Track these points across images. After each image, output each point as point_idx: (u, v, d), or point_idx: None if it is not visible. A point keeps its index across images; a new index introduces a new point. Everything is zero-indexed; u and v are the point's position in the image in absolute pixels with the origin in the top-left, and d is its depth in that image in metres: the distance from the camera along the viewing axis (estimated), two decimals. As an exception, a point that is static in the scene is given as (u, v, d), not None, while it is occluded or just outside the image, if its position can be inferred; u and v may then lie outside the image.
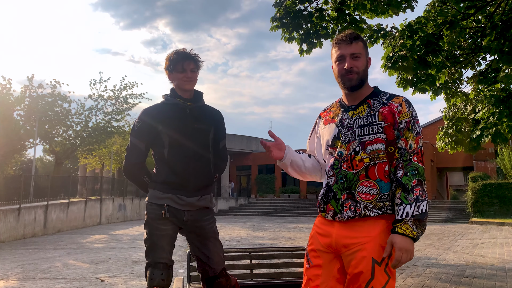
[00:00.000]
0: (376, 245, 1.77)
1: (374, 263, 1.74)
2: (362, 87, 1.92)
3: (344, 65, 1.89)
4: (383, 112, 1.85)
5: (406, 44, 6.13)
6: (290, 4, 6.91)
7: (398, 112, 1.84)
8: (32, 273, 7.20)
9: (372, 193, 1.80)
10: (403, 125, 1.83)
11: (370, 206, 1.80)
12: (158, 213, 2.38)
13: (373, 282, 1.73)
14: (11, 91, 21.63)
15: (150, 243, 2.39)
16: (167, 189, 2.39)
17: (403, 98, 1.89)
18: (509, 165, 24.41)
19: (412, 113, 1.86)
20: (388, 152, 1.83)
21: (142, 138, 2.44)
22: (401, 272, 6.77)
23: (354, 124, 1.88)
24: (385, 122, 1.83)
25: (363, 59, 1.91)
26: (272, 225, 18.85)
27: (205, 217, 2.46)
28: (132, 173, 2.49)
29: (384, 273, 1.76)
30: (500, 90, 8.01)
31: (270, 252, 3.83)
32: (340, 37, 1.94)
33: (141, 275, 6.85)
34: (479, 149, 8.73)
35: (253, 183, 35.70)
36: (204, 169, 2.45)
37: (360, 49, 1.91)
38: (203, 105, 2.55)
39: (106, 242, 12.38)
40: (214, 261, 2.44)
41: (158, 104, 2.53)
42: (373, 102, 1.89)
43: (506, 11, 6.44)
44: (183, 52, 2.45)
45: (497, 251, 9.57)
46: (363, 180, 1.81)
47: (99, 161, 31.41)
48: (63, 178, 20.90)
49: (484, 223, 19.00)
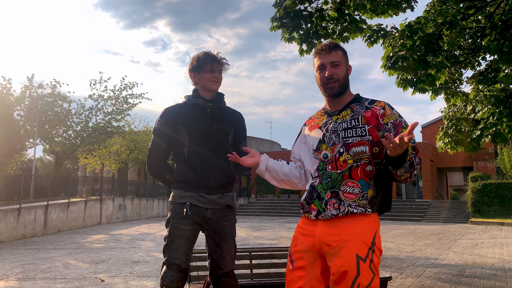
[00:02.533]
0: (358, 241, 1.81)
1: (358, 260, 1.78)
2: (343, 94, 2.03)
3: (325, 73, 1.99)
4: (366, 116, 1.93)
5: (406, 44, 6.13)
6: (290, 4, 6.91)
7: (381, 115, 1.93)
8: (32, 273, 7.20)
9: (355, 192, 1.87)
10: (390, 126, 1.90)
11: (353, 204, 1.86)
12: (179, 211, 2.41)
13: (359, 279, 1.76)
14: (11, 91, 21.63)
15: (168, 241, 2.42)
16: (189, 187, 2.43)
17: (385, 102, 1.99)
18: (509, 165, 24.42)
19: (399, 114, 1.96)
20: (373, 153, 1.91)
21: (163, 136, 2.49)
22: (401, 272, 6.78)
23: (338, 127, 1.97)
24: (369, 125, 1.91)
25: (342, 67, 2.02)
26: (272, 225, 18.85)
27: (227, 217, 2.51)
28: (155, 171, 2.55)
29: (369, 269, 1.79)
30: (500, 90, 8.01)
31: (270, 252, 3.84)
32: (320, 47, 2.06)
33: (141, 275, 6.86)
34: (479, 149, 8.73)
35: (253, 183, 35.70)
36: (224, 167, 2.49)
37: (340, 57, 2.02)
38: (224, 106, 2.59)
39: (106, 242, 12.38)
40: (225, 261, 2.49)
41: (179, 104, 2.58)
42: (356, 106, 1.99)
43: (506, 11, 6.44)
44: (212, 54, 2.51)
45: (497, 251, 9.58)
46: (346, 180, 1.89)
47: (99, 161, 31.43)
48: (63, 178, 20.90)
49: (484, 223, 19.00)
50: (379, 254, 1.86)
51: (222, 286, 2.49)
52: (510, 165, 24.38)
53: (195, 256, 3.52)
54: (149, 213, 26.85)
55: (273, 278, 3.65)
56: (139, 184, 29.14)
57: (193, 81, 2.56)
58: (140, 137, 32.18)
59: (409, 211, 25.02)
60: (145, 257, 8.90)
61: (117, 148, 31.08)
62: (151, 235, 14.41)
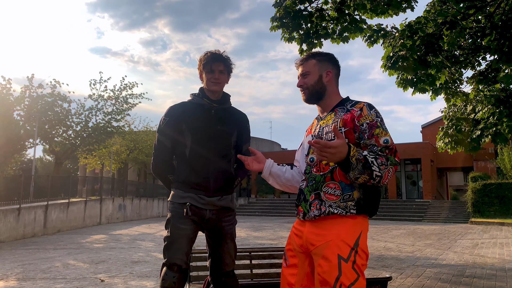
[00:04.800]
0: (340, 242, 1.84)
1: (340, 260, 1.81)
2: (322, 99, 2.11)
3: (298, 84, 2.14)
4: (344, 118, 1.97)
5: (406, 44, 6.13)
6: (290, 4, 6.91)
7: (357, 116, 1.95)
8: (32, 273, 7.20)
9: (336, 194, 1.91)
10: (365, 126, 1.91)
11: (334, 205, 1.89)
12: (179, 211, 2.40)
13: (341, 278, 1.79)
14: (11, 91, 21.63)
15: (169, 241, 2.40)
16: (188, 188, 2.42)
17: (365, 103, 2.00)
18: (509, 165, 24.41)
19: (377, 115, 1.95)
20: None
21: (168, 135, 2.48)
22: (401, 272, 6.77)
23: (322, 131, 2.04)
24: (345, 127, 1.94)
25: (312, 75, 2.10)
26: (272, 225, 18.85)
27: (226, 218, 2.50)
28: (160, 171, 2.54)
29: (352, 270, 1.81)
30: (500, 90, 8.01)
31: (270, 252, 3.83)
32: (296, 61, 2.19)
33: (141, 275, 6.85)
34: (479, 149, 8.72)
35: (253, 183, 35.71)
36: (225, 170, 2.48)
37: (310, 67, 2.11)
38: (229, 107, 2.58)
39: (106, 242, 12.37)
40: (225, 262, 2.49)
41: (184, 102, 2.56)
42: (339, 110, 2.05)
43: (506, 11, 6.44)
44: (214, 53, 2.49)
45: (497, 251, 9.57)
46: (328, 182, 1.93)
47: (99, 161, 31.43)
48: (63, 178, 20.89)
49: (484, 223, 19.00)
50: (364, 257, 1.88)
51: (222, 285, 2.49)
52: (510, 165, 24.37)
53: (195, 256, 3.52)
54: (149, 213, 26.85)
55: (273, 278, 3.65)
56: (139, 184, 29.14)
57: (201, 80, 2.56)
58: (140, 137, 32.17)
59: (409, 211, 25.02)
60: (145, 257, 8.90)
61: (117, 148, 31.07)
62: (151, 235, 14.40)
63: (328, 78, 2.10)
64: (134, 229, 17.40)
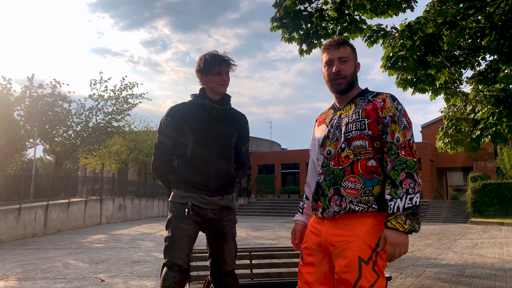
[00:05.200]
0: (362, 243, 1.79)
1: (360, 262, 1.76)
2: (351, 90, 1.99)
3: (333, 69, 1.96)
4: (367, 109, 1.89)
5: (406, 44, 6.13)
6: (290, 5, 6.91)
7: (381, 107, 1.87)
8: (32, 273, 7.21)
9: (357, 187, 1.83)
10: (388, 119, 1.85)
11: (355, 200, 1.82)
12: (181, 211, 2.41)
13: (361, 280, 1.75)
14: (11, 91, 21.63)
15: (170, 241, 2.40)
16: (190, 188, 2.43)
17: (388, 94, 1.91)
18: (508, 165, 24.41)
19: (398, 107, 1.87)
20: (375, 147, 1.86)
21: (169, 135, 2.49)
22: (401, 272, 6.78)
23: (341, 122, 1.95)
24: (368, 119, 1.87)
25: (351, 63, 1.99)
26: (272, 225, 18.85)
27: (227, 217, 2.52)
28: (160, 171, 2.54)
29: (373, 271, 1.77)
30: (500, 90, 8.01)
31: (270, 252, 3.84)
32: (328, 42, 2.02)
33: (141, 275, 6.86)
34: (478, 149, 8.72)
35: (253, 183, 35.70)
36: (226, 170, 2.50)
37: (348, 53, 1.99)
38: (229, 108, 2.60)
39: (106, 242, 12.38)
40: (225, 261, 2.50)
41: (185, 103, 2.56)
42: (359, 100, 1.95)
43: (506, 11, 6.45)
44: (219, 55, 2.49)
45: (497, 251, 9.58)
46: (348, 175, 1.85)
47: (99, 161, 31.43)
48: (63, 178, 20.91)
49: (484, 223, 19.00)
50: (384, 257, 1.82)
51: (223, 285, 2.50)
52: (510, 165, 24.37)
53: (195, 256, 3.53)
54: (149, 213, 26.86)
55: (273, 278, 3.65)
56: (139, 184, 29.14)
57: (200, 82, 2.56)
58: (140, 137, 32.17)
59: (409, 211, 25.01)
60: (145, 257, 8.91)
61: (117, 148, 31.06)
62: (151, 235, 14.41)
63: (357, 70, 2.03)
64: (134, 229, 17.41)
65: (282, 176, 34.62)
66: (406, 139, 1.81)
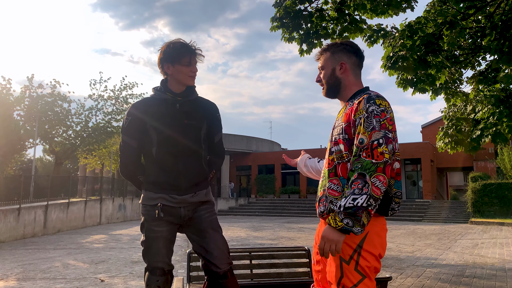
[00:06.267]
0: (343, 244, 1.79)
1: (341, 261, 1.79)
2: (339, 93, 2.01)
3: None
4: (346, 113, 1.88)
5: (406, 44, 6.13)
6: (290, 4, 6.91)
7: (354, 110, 1.82)
8: (32, 273, 7.20)
9: (338, 190, 1.85)
10: (357, 122, 1.79)
11: (334, 201, 1.85)
12: (152, 214, 2.30)
13: (343, 280, 1.77)
14: (11, 91, 21.64)
15: (146, 245, 2.32)
16: (158, 189, 2.30)
17: (366, 96, 1.83)
18: (509, 165, 24.41)
19: (369, 109, 1.77)
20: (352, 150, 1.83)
21: (133, 135, 2.34)
22: (401, 272, 6.77)
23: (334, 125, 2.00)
24: (345, 123, 1.86)
25: (327, 69, 2.02)
26: (272, 225, 18.84)
27: (202, 207, 2.38)
28: (127, 173, 2.42)
29: (355, 272, 1.76)
30: (500, 90, 8.01)
31: (270, 252, 3.83)
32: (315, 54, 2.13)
33: (141, 275, 6.85)
34: (479, 149, 8.73)
35: (253, 183, 35.69)
36: (196, 166, 2.34)
37: (324, 61, 2.03)
38: (195, 99, 2.41)
39: (106, 242, 12.37)
40: (214, 255, 2.29)
41: (147, 98, 2.41)
42: (349, 103, 1.93)
43: (506, 11, 6.44)
44: (189, 45, 2.31)
45: (497, 251, 9.57)
46: (332, 178, 1.89)
47: (99, 161, 31.41)
48: (63, 178, 20.90)
49: (484, 223, 19.00)
50: (371, 258, 1.78)
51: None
52: (510, 165, 24.37)
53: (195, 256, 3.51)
54: (149, 213, 26.83)
55: (273, 278, 3.64)
56: (139, 184, 29.08)
57: (163, 72, 2.35)
58: (140, 137, 32.15)
59: (409, 211, 25.02)
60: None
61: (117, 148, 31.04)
62: (151, 235, 14.39)
63: (342, 71, 1.98)
64: (134, 229, 17.39)
65: (282, 176, 34.61)
66: (371, 140, 1.73)
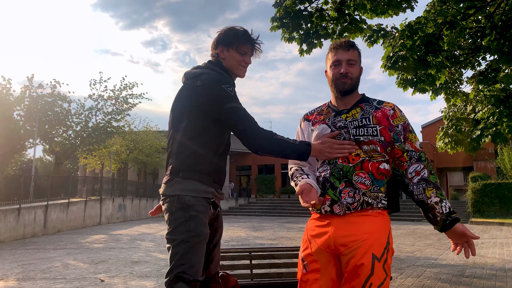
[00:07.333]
0: (375, 241, 1.81)
1: (374, 259, 1.77)
2: (352, 93, 2.03)
3: (340, 70, 1.98)
4: (377, 116, 1.95)
5: (406, 44, 6.13)
6: (290, 4, 6.91)
7: (391, 116, 1.97)
8: (32, 273, 7.20)
9: (367, 183, 1.87)
10: (400, 128, 1.95)
11: (367, 193, 1.86)
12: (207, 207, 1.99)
13: (372, 278, 1.75)
14: (11, 91, 21.63)
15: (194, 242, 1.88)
16: (211, 182, 2.03)
17: (393, 104, 2.03)
18: (509, 165, 24.41)
19: (405, 117, 2.01)
20: (387, 152, 1.94)
21: None
22: (401, 272, 6.77)
23: (348, 125, 1.96)
24: (380, 125, 1.93)
25: (357, 66, 2.03)
26: (272, 225, 18.84)
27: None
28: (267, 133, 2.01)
29: (383, 270, 1.78)
30: (500, 90, 8.01)
31: (270, 252, 3.83)
32: (338, 43, 2.04)
33: (141, 275, 6.85)
34: (479, 149, 8.72)
35: (253, 183, 35.70)
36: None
37: (356, 57, 2.03)
38: None
39: (106, 242, 12.37)
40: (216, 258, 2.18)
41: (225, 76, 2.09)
42: (366, 106, 1.99)
43: (506, 11, 6.45)
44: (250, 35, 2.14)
45: (497, 251, 9.57)
46: (358, 171, 1.89)
47: (99, 161, 31.40)
48: (63, 178, 20.89)
49: (484, 223, 18.99)
50: (392, 254, 1.87)
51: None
52: (510, 165, 24.37)
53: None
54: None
55: (273, 278, 3.65)
56: (139, 184, 29.13)
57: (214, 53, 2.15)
58: (140, 137, 32.14)
59: (409, 211, 25.02)
60: (144, 257, 8.90)
61: (117, 148, 31.04)
62: (151, 235, 14.40)
63: (361, 74, 2.07)
64: (134, 229, 17.39)
65: (282, 176, 34.61)
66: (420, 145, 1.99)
